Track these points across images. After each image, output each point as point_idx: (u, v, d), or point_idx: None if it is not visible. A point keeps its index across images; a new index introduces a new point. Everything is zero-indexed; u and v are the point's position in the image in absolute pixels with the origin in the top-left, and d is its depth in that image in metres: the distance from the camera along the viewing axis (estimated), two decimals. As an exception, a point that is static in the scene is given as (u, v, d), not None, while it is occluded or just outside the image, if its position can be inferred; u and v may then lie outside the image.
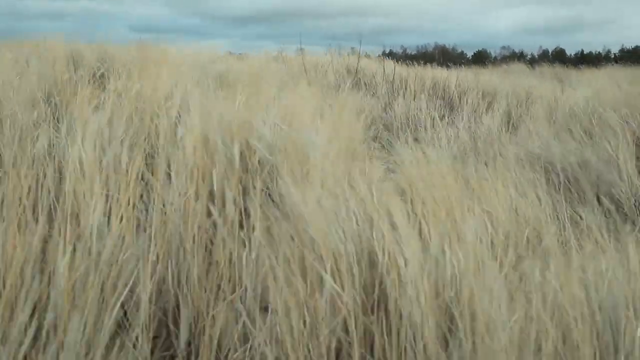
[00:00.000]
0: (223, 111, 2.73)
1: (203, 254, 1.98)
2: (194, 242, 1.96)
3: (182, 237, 1.97)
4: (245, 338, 1.74)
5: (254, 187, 2.19)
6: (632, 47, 43.55)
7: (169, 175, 2.26)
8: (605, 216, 2.74)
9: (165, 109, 2.78)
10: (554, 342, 1.54)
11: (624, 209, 3.07)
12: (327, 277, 1.71)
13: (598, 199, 3.04)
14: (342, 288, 1.73)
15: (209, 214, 2.18)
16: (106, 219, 1.87)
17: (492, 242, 2.17)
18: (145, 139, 2.57)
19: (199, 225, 2.06)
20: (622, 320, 1.59)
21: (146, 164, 2.46)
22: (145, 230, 1.96)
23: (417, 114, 4.93)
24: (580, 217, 2.58)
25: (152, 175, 2.29)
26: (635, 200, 3.26)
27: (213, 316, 1.76)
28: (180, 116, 2.77)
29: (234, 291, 1.89)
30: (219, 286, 1.89)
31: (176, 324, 1.81)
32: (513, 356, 1.52)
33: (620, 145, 3.39)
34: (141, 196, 2.28)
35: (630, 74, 15.41)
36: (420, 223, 2.12)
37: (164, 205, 2.08)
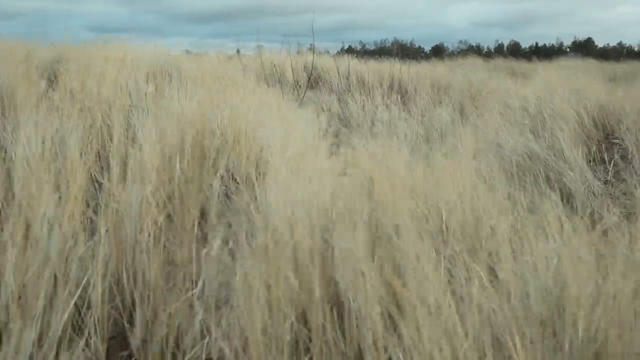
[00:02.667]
0: (179, 110, 2.71)
1: (159, 251, 1.96)
2: (149, 239, 1.94)
3: (137, 234, 1.94)
4: (203, 334, 1.74)
5: (210, 186, 2.18)
6: (584, 39, 44.79)
7: (123, 173, 2.24)
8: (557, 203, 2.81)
9: (118, 107, 2.74)
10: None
11: (574, 197, 3.16)
12: (289, 270, 1.72)
13: (551, 188, 3.12)
14: (301, 281, 1.74)
15: (166, 211, 2.17)
16: (56, 217, 1.83)
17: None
18: (97, 138, 2.53)
19: (156, 222, 2.04)
20: (566, 303, 1.64)
21: (99, 163, 2.42)
22: (98, 229, 1.93)
23: (373, 109, 4.97)
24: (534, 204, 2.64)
25: (106, 173, 2.26)
26: (586, 187, 3.36)
27: (170, 314, 1.74)
28: (133, 114, 2.73)
29: (191, 288, 1.88)
30: (175, 284, 1.88)
31: (132, 323, 1.79)
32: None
33: (567, 136, 3.49)
34: (95, 195, 2.25)
35: (581, 64, 15.87)
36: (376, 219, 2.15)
37: (118, 203, 2.06)
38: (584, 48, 39.66)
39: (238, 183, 2.31)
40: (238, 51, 12.24)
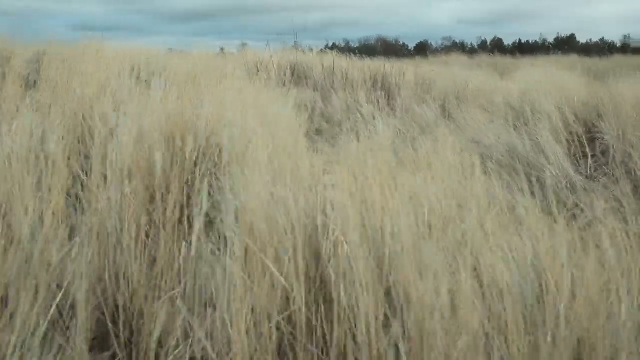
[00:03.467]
0: (162, 108, 2.70)
1: (142, 251, 1.95)
2: (131, 239, 1.93)
3: (119, 235, 1.94)
4: (187, 334, 1.74)
5: (191, 184, 2.17)
6: (567, 35, 45.18)
7: (105, 172, 2.22)
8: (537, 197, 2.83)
9: (100, 105, 2.72)
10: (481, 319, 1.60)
11: (555, 192, 3.19)
12: (272, 267, 1.72)
13: (532, 183, 3.15)
14: (286, 279, 1.74)
15: (148, 211, 2.16)
16: (38, 218, 1.82)
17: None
18: (78, 137, 2.51)
19: (137, 223, 2.03)
20: (547, 297, 1.67)
21: (81, 162, 2.40)
22: (80, 230, 1.92)
23: (356, 106, 4.98)
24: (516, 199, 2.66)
25: (88, 173, 2.25)
26: (566, 183, 3.40)
27: (153, 314, 1.74)
28: (116, 113, 2.72)
29: (175, 287, 1.88)
30: (158, 283, 1.88)
31: (115, 323, 1.78)
32: (445, 337, 1.57)
33: (549, 132, 3.53)
34: (76, 195, 2.24)
35: (564, 60, 16.02)
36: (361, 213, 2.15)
37: (99, 203, 2.05)
38: (567, 44, 40.02)
39: (220, 180, 2.30)
40: (222, 49, 12.20)
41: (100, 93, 2.96)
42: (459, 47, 39.20)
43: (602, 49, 38.01)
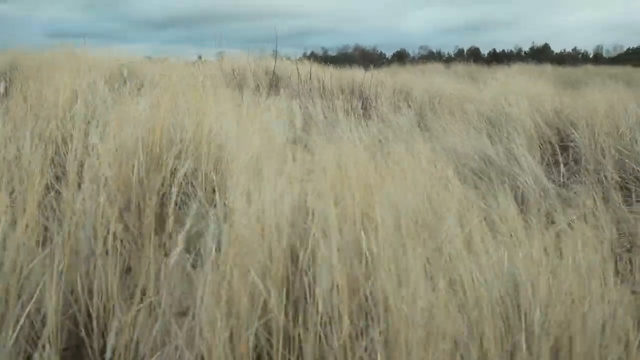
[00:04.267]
0: (139, 116, 2.68)
1: (116, 260, 1.93)
2: (105, 249, 1.91)
3: (93, 243, 1.92)
4: (163, 343, 1.73)
5: (169, 192, 2.16)
6: (541, 45, 45.99)
7: (79, 181, 2.20)
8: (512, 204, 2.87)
9: (74, 113, 2.70)
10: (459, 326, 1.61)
11: (528, 200, 3.23)
12: (253, 274, 1.72)
13: (505, 191, 3.19)
14: (267, 287, 1.74)
15: (124, 220, 2.14)
16: (10, 227, 1.79)
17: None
18: (52, 146, 2.49)
19: (112, 232, 2.01)
20: (523, 303, 1.69)
21: (55, 170, 2.38)
22: (53, 239, 1.90)
23: (333, 114, 5.00)
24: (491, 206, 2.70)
25: (62, 181, 2.22)
26: (540, 190, 3.44)
27: (128, 322, 1.72)
28: (90, 121, 2.69)
29: (151, 296, 1.86)
30: (134, 292, 1.86)
31: (89, 334, 1.76)
32: (422, 346, 1.58)
33: (522, 140, 3.58)
34: (51, 205, 2.21)
35: (538, 69, 16.27)
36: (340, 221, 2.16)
37: (73, 212, 2.02)
38: (541, 53, 40.66)
39: (195, 188, 2.30)
40: (200, 57, 12.16)
41: (75, 100, 2.93)
42: (436, 56, 39.65)
43: (576, 58, 38.74)
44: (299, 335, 1.69)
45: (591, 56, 41.72)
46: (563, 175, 3.85)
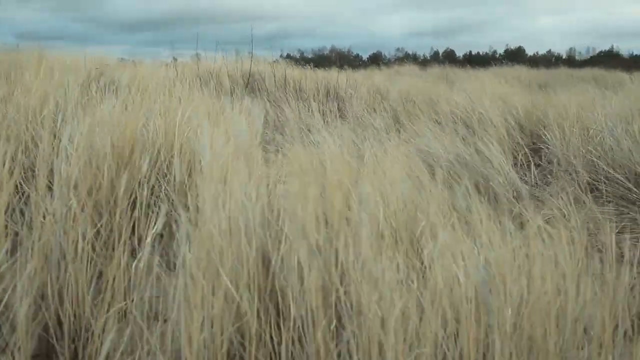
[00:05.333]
0: (110, 119, 2.65)
1: (87, 265, 1.91)
2: (76, 253, 1.89)
3: (64, 248, 1.89)
4: (135, 348, 1.71)
5: (140, 197, 2.14)
6: (516, 47, 46.63)
7: (50, 185, 2.17)
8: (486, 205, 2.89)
9: (43, 116, 2.65)
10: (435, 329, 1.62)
11: (502, 200, 3.26)
12: (225, 279, 1.71)
13: (479, 192, 3.22)
14: (239, 291, 1.73)
15: (95, 224, 2.11)
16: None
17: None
18: (22, 149, 2.44)
19: (83, 237, 1.98)
20: (497, 303, 1.70)
21: (24, 174, 2.34)
22: (22, 244, 1.86)
23: (309, 116, 5.00)
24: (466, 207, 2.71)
25: (32, 185, 2.18)
26: (513, 191, 3.48)
27: (99, 328, 1.70)
28: (60, 124, 2.65)
29: (122, 301, 1.84)
30: (104, 298, 1.83)
31: (59, 340, 1.73)
32: (398, 347, 1.59)
33: (496, 142, 3.61)
34: (21, 210, 2.17)
35: (513, 72, 16.48)
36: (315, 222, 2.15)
37: (44, 217, 1.99)
38: (516, 56, 41.18)
39: (167, 190, 2.27)
40: (175, 59, 12.07)
41: (45, 104, 2.88)
42: (412, 58, 39.88)
43: (549, 60, 39.33)
44: (272, 338, 1.69)
45: (564, 58, 42.39)
46: (535, 176, 3.90)
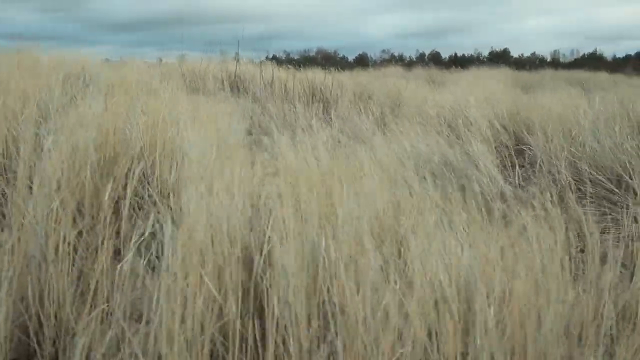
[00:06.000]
0: (94, 120, 2.63)
1: (69, 266, 1.89)
2: (57, 255, 1.86)
3: (45, 249, 1.87)
4: (118, 348, 1.69)
5: (124, 196, 2.12)
6: (501, 49, 46.98)
7: (31, 186, 2.14)
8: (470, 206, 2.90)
9: (24, 117, 2.63)
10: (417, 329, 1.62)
11: (486, 200, 3.28)
12: (207, 281, 1.70)
13: (463, 193, 3.23)
14: (222, 291, 1.72)
15: (77, 225, 2.09)
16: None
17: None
18: (3, 151, 2.41)
19: (65, 238, 1.96)
20: (477, 301, 1.71)
21: (5, 175, 2.31)
22: (1, 246, 1.84)
23: (295, 117, 5.00)
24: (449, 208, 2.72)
25: (12, 187, 2.16)
26: (497, 192, 3.50)
27: (80, 329, 1.68)
28: (42, 125, 2.63)
29: (104, 303, 1.82)
30: (86, 300, 1.81)
31: (39, 343, 1.71)
32: (379, 347, 1.59)
33: (480, 143, 3.63)
34: (2, 212, 2.15)
35: (497, 73, 16.59)
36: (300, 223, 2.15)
37: (24, 217, 1.97)
38: (501, 58, 41.48)
39: (150, 191, 2.26)
40: (161, 60, 12.01)
41: (26, 104, 2.85)
42: (398, 60, 40.03)
43: (534, 62, 39.68)
44: (256, 340, 1.68)
45: (549, 61, 42.79)
46: (519, 177, 3.93)
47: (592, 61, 35.19)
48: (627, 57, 40.05)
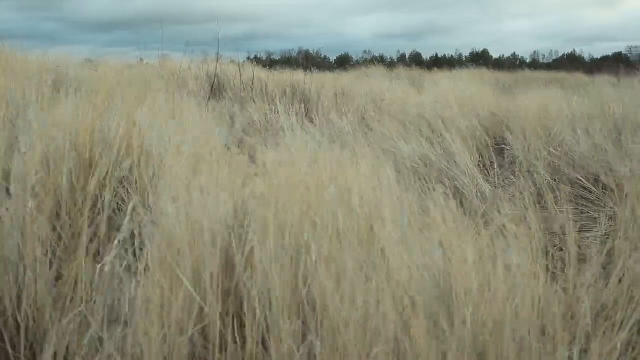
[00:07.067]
0: (70, 119, 2.60)
1: (46, 268, 1.86)
2: (34, 256, 1.84)
3: (21, 251, 1.84)
4: (97, 350, 1.68)
5: (102, 197, 2.10)
6: (481, 50, 47.45)
7: (6, 187, 2.11)
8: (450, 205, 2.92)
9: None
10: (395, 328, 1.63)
11: (466, 200, 3.31)
12: (186, 282, 1.69)
13: (444, 192, 3.24)
14: (203, 294, 1.71)
15: (54, 227, 2.07)
16: None
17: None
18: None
19: (42, 240, 1.93)
20: (456, 303, 1.72)
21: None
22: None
23: (275, 117, 4.99)
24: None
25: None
26: (477, 192, 3.53)
27: (59, 331, 1.66)
28: (16, 126, 2.59)
29: (82, 304, 1.81)
30: (65, 301, 1.80)
31: (15, 347, 1.69)
32: (359, 346, 1.59)
33: (460, 143, 3.66)
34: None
35: (478, 74, 16.72)
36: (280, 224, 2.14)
37: (0, 220, 1.94)
38: (481, 59, 41.90)
39: (130, 193, 2.24)
40: (141, 59, 11.92)
41: (1, 105, 2.81)
42: (379, 60, 40.17)
43: (514, 63, 40.12)
44: (236, 341, 1.67)
45: (528, 61, 43.30)
46: (499, 177, 3.96)
47: (571, 62, 35.66)
48: (605, 58, 40.68)
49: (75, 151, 2.30)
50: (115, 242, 1.88)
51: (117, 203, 2.28)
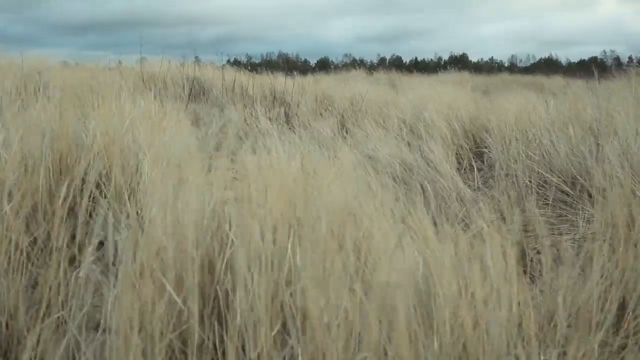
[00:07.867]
0: (46, 123, 2.56)
1: (21, 274, 1.83)
2: (9, 264, 1.81)
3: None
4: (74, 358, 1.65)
5: (79, 202, 2.07)
6: (460, 54, 47.95)
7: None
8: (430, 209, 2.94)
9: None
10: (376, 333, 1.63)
11: (446, 204, 3.33)
12: (168, 287, 1.67)
13: (424, 196, 3.26)
14: (183, 297, 1.70)
15: (30, 232, 2.04)
16: None
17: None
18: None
19: (17, 245, 1.90)
20: (435, 307, 1.72)
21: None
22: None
23: (255, 121, 4.97)
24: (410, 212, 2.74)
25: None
26: (456, 195, 3.55)
27: (34, 339, 1.64)
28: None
29: (60, 311, 1.78)
30: (40, 308, 1.77)
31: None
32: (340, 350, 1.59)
33: (440, 147, 3.68)
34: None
35: (457, 77, 16.87)
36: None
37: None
38: (460, 62, 42.30)
39: (107, 196, 2.22)
40: (120, 62, 11.82)
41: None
42: (359, 64, 40.29)
43: (492, 67, 40.59)
44: (215, 345, 1.66)
45: (506, 65, 43.83)
46: (478, 180, 3.99)
47: (548, 66, 36.14)
48: (582, 62, 41.30)
49: (53, 154, 2.27)
50: (90, 248, 1.85)
51: (94, 207, 2.25)
